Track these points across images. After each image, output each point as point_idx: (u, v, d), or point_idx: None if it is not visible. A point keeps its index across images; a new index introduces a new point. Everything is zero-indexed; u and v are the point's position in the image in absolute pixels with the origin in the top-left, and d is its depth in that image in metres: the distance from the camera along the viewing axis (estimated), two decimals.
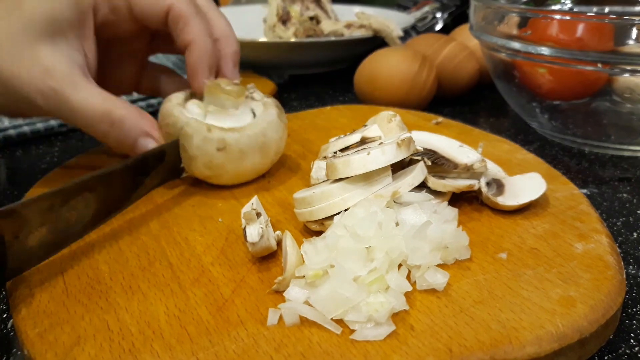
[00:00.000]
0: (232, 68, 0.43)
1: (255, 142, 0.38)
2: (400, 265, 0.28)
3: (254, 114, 0.40)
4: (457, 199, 0.36)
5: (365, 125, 0.40)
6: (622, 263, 0.30)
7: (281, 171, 0.42)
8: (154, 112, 0.62)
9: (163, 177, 0.37)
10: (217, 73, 0.43)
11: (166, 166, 0.37)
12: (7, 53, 0.35)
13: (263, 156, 0.39)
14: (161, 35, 0.44)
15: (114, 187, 0.33)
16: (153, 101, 0.62)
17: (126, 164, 0.34)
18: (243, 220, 0.31)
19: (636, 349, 0.27)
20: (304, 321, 0.26)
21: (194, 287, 0.29)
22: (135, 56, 0.46)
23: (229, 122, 0.38)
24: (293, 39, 0.77)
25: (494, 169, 0.38)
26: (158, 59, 0.79)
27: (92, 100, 0.36)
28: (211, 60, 0.41)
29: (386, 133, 0.39)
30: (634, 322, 0.29)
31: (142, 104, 0.61)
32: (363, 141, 0.37)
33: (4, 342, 0.28)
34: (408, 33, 0.83)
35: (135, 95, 0.61)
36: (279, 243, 0.31)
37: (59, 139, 0.56)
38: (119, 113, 0.37)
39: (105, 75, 0.43)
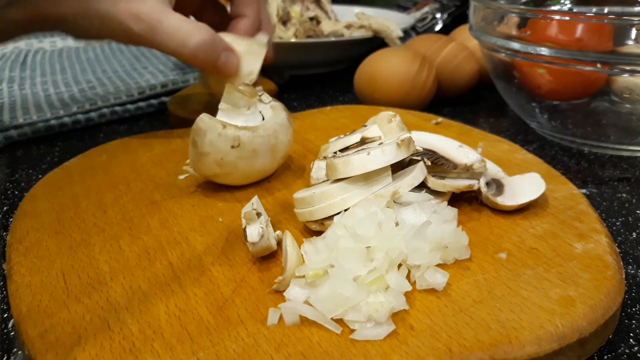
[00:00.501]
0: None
1: (267, 143, 0.38)
2: (400, 265, 0.28)
3: (263, 117, 0.40)
4: (457, 199, 0.36)
5: (365, 126, 0.40)
6: (621, 263, 0.30)
7: (281, 171, 0.42)
8: (155, 112, 0.62)
9: None
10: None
11: None
12: None
13: (272, 157, 0.39)
14: (210, 4, 0.53)
15: None
16: (154, 101, 0.62)
17: None
18: (243, 220, 0.31)
19: (635, 348, 0.27)
20: (304, 321, 0.26)
21: (195, 286, 0.29)
22: None
23: (241, 121, 0.39)
24: (293, 40, 0.77)
25: (494, 169, 0.38)
26: (158, 59, 0.79)
27: (182, 23, 0.43)
28: (252, 34, 0.50)
29: (386, 133, 0.39)
30: (634, 321, 0.29)
31: (143, 104, 0.61)
32: (363, 141, 0.37)
33: (4, 342, 0.28)
34: (408, 33, 0.83)
35: (136, 94, 0.61)
36: (279, 243, 0.31)
37: (59, 138, 0.56)
38: (207, 33, 0.44)
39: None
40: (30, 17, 0.42)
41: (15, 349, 0.28)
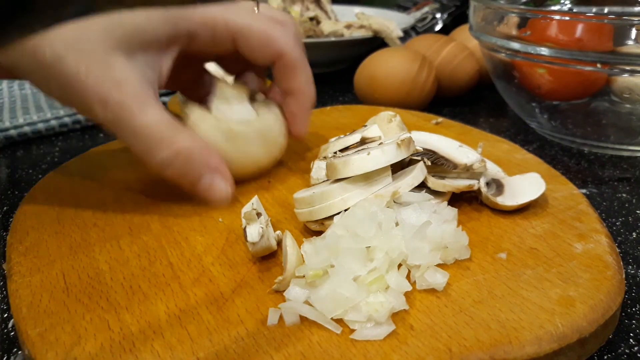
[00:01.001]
0: (305, 121, 0.42)
1: (261, 136, 0.38)
2: (400, 265, 0.28)
3: (257, 113, 0.40)
4: (457, 199, 0.36)
5: (365, 126, 0.40)
6: (621, 263, 0.30)
7: (281, 171, 0.42)
8: None
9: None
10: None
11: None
12: (77, 56, 0.32)
13: (267, 151, 0.39)
14: (233, 57, 0.39)
15: None
16: None
17: None
18: (243, 220, 0.31)
19: (635, 348, 0.27)
20: (304, 321, 0.26)
21: (195, 286, 0.29)
22: (198, 65, 0.43)
23: (235, 115, 0.39)
24: None
25: (494, 169, 0.38)
26: None
27: (158, 123, 0.32)
28: (311, 110, 0.41)
29: (386, 133, 0.39)
30: (634, 321, 0.29)
31: None
32: (363, 141, 0.37)
33: (4, 342, 0.28)
34: (408, 33, 0.83)
35: None
36: (279, 243, 0.31)
37: (60, 139, 0.56)
38: (186, 143, 0.33)
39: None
40: None
41: (15, 349, 0.28)
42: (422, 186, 0.33)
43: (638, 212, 0.40)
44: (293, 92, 0.40)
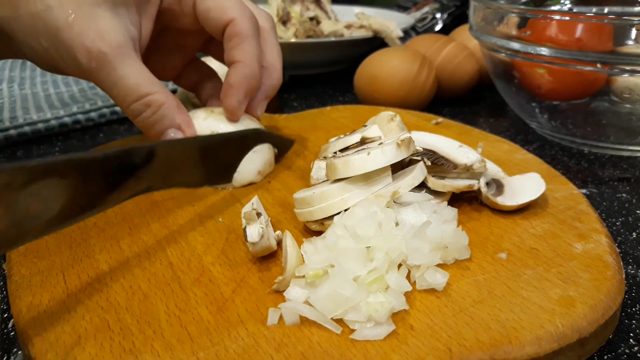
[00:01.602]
0: (261, 101, 0.43)
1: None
2: (400, 265, 0.28)
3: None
4: (457, 199, 0.36)
5: (365, 126, 0.40)
6: (621, 263, 0.30)
7: (281, 171, 0.42)
8: None
9: (147, 185, 0.32)
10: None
11: (155, 170, 0.32)
12: (65, 6, 0.34)
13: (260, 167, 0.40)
14: (217, 41, 0.42)
15: (90, 179, 0.27)
16: None
17: (106, 154, 0.29)
18: (243, 220, 0.31)
19: (635, 348, 0.27)
20: (304, 321, 0.26)
21: (195, 286, 0.29)
22: (185, 51, 0.46)
23: (231, 127, 0.40)
24: (293, 40, 0.77)
25: (494, 169, 0.38)
26: None
27: (136, 76, 0.35)
28: (251, 86, 0.40)
29: (386, 133, 0.39)
30: (634, 321, 0.29)
31: None
32: (363, 141, 0.37)
33: (4, 342, 0.28)
34: (408, 33, 0.83)
35: None
36: (279, 243, 0.31)
37: (60, 139, 0.56)
38: (159, 98, 0.36)
39: (150, 59, 0.42)
40: None
41: (15, 349, 0.28)
42: (422, 186, 0.33)
43: (638, 212, 0.40)
44: (235, 63, 0.40)
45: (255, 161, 0.39)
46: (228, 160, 0.38)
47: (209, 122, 0.40)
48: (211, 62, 0.49)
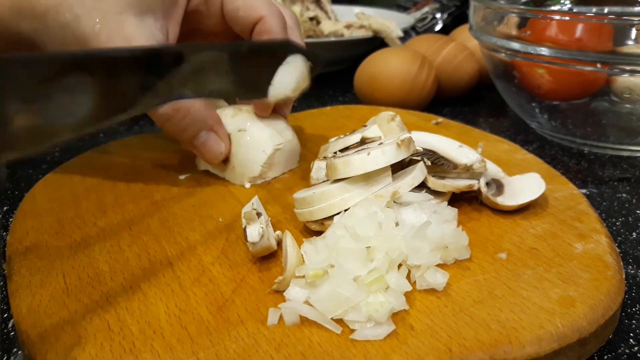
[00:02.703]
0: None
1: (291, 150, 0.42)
2: (400, 265, 0.28)
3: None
4: (457, 199, 0.36)
5: (365, 126, 0.40)
6: (621, 263, 0.30)
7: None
8: None
9: (179, 90, 0.31)
10: None
11: (185, 75, 0.31)
12: (92, 15, 0.35)
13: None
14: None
15: (119, 78, 0.27)
16: None
17: (132, 51, 0.29)
18: (243, 220, 0.31)
19: (635, 348, 0.27)
20: (304, 321, 0.26)
21: (195, 286, 0.29)
22: None
23: (259, 126, 0.41)
24: None
25: (494, 169, 0.38)
26: None
27: None
28: None
29: (386, 133, 0.39)
30: (634, 321, 0.29)
31: None
32: (363, 141, 0.37)
33: (4, 342, 0.28)
34: (408, 33, 0.83)
35: None
36: (279, 243, 0.31)
37: None
38: (186, 101, 0.36)
39: None
40: None
41: (15, 349, 0.28)
42: (422, 186, 0.33)
43: (638, 212, 0.40)
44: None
45: (289, 74, 0.38)
46: (260, 72, 0.36)
47: (236, 120, 0.41)
48: None
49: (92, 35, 0.35)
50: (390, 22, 0.76)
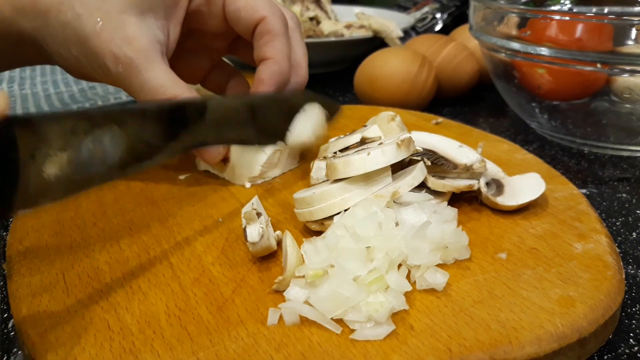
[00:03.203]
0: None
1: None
2: (400, 265, 0.28)
3: None
4: (457, 199, 0.36)
5: (365, 126, 0.40)
6: (621, 263, 0.30)
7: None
8: None
9: (201, 139, 0.33)
10: None
11: (208, 125, 0.33)
12: (94, 14, 0.35)
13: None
14: (244, 41, 0.42)
15: (147, 129, 0.29)
16: None
17: (160, 105, 0.31)
18: (243, 220, 0.31)
19: (635, 348, 0.27)
20: (304, 321, 0.26)
21: (194, 286, 0.29)
22: (212, 52, 0.46)
23: None
24: None
25: (494, 169, 0.38)
26: None
27: (163, 79, 0.36)
28: (281, 82, 0.40)
29: (386, 133, 0.39)
30: (633, 321, 0.29)
31: None
32: (363, 141, 0.37)
33: (4, 342, 0.28)
34: (408, 33, 0.83)
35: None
36: (279, 243, 0.31)
37: None
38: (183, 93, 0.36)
39: (178, 62, 0.42)
40: (7, 37, 0.37)
41: (15, 349, 0.28)
42: (422, 186, 0.33)
43: (638, 212, 0.40)
44: (266, 60, 0.40)
45: (307, 121, 0.39)
46: (279, 120, 0.37)
47: None
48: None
49: (93, 34, 0.35)
50: (390, 22, 0.76)
